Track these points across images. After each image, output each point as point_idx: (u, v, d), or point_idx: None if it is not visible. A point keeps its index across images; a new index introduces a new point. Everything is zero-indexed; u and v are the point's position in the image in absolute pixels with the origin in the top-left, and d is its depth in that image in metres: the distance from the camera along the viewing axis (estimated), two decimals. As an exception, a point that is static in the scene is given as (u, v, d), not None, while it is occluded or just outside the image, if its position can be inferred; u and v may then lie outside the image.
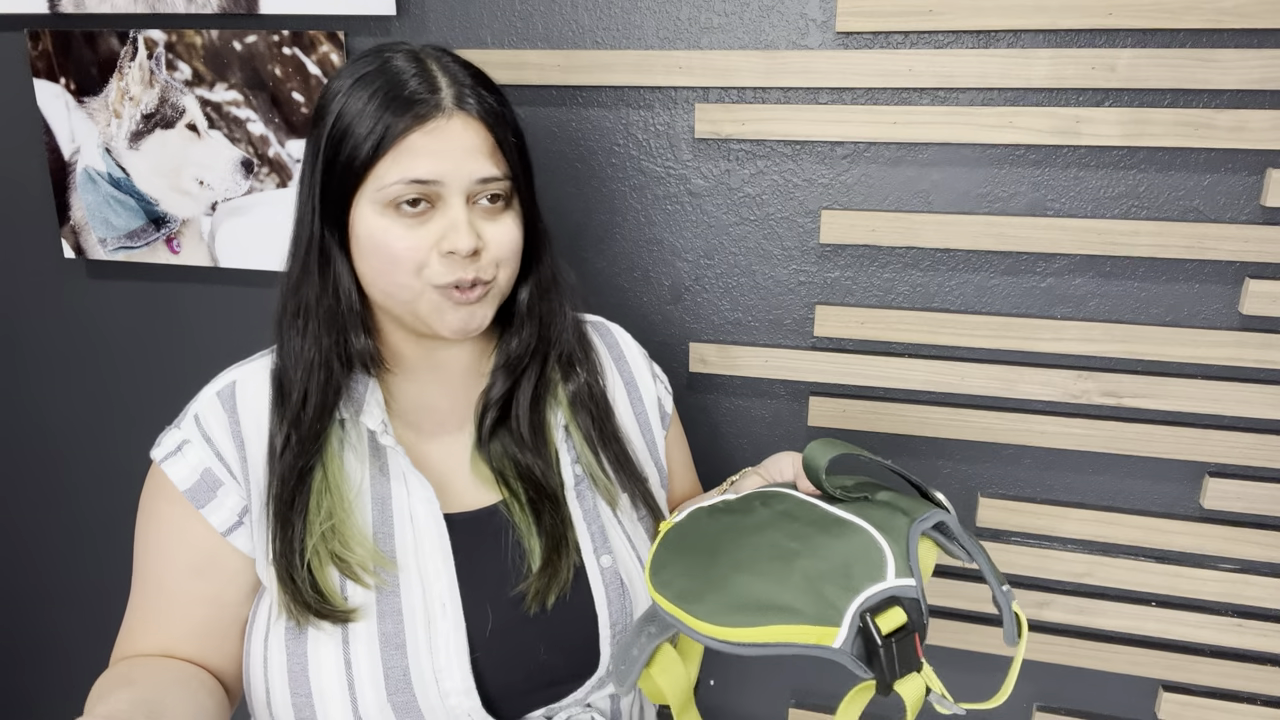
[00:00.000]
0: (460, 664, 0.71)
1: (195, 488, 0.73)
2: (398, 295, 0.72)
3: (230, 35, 1.12)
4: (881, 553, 0.60)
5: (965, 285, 1.02)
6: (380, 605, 0.72)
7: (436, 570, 0.73)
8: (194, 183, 1.19)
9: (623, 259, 1.11)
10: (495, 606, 0.74)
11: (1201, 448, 0.99)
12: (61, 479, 1.40)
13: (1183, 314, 0.98)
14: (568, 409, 0.81)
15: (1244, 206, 0.94)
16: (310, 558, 0.70)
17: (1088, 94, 0.94)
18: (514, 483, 0.78)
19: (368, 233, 0.70)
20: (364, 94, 0.69)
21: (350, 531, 0.72)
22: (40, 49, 1.18)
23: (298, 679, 0.71)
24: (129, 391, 1.33)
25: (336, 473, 0.74)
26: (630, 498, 0.82)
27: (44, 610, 1.48)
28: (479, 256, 0.71)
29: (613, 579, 0.77)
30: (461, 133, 0.70)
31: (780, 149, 1.03)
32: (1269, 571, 1.01)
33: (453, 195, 0.70)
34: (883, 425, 1.06)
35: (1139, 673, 1.07)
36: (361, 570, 0.71)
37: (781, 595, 0.58)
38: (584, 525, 0.78)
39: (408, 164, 0.69)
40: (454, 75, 0.71)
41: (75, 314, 1.31)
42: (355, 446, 0.75)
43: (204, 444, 0.74)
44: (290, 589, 0.70)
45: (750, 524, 0.65)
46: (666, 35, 1.02)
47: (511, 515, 0.77)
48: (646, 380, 0.89)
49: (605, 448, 0.81)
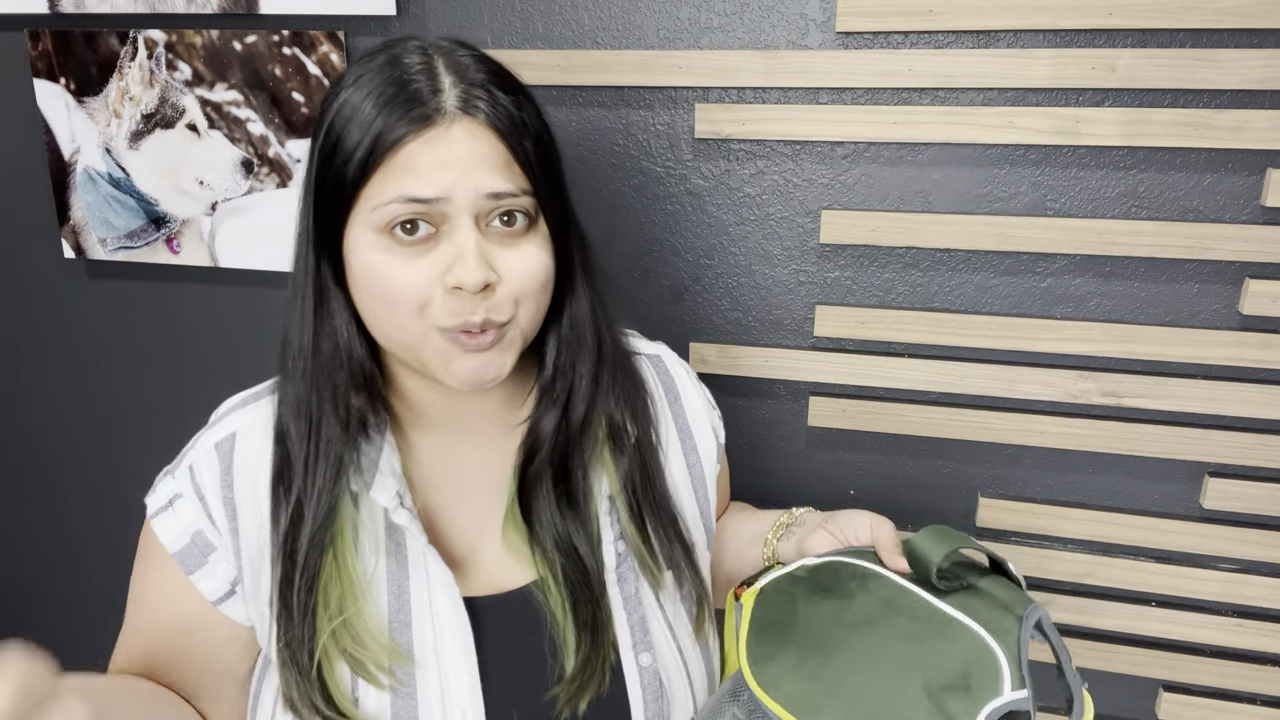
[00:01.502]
0: None
1: (185, 551, 0.66)
2: (400, 339, 0.62)
3: (230, 35, 1.12)
4: (996, 662, 0.57)
5: (965, 285, 1.02)
6: (394, 709, 0.63)
7: (458, 671, 0.64)
8: (194, 183, 1.19)
9: (623, 259, 1.11)
10: (520, 706, 0.65)
11: (1201, 448, 0.99)
12: (61, 479, 1.40)
13: (1183, 314, 0.98)
14: (615, 479, 0.70)
15: (1244, 206, 0.94)
16: (320, 657, 0.62)
17: (1088, 94, 0.94)
18: (550, 561, 0.67)
19: (361, 265, 0.60)
20: (360, 95, 0.59)
21: (363, 625, 0.63)
22: (40, 49, 1.18)
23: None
24: (129, 392, 1.33)
25: (349, 558, 0.64)
26: (675, 576, 0.71)
27: (44, 611, 1.48)
28: (491, 291, 0.60)
29: (651, 680, 0.67)
30: (465, 141, 0.59)
31: (780, 149, 1.03)
32: (1269, 571, 1.01)
33: (460, 216, 0.59)
34: (883, 425, 1.06)
35: (1139, 673, 1.07)
36: (376, 669, 0.62)
37: (902, 709, 0.54)
38: (624, 616, 0.68)
39: (403, 179, 0.58)
40: (463, 73, 0.60)
41: (75, 314, 1.31)
42: (368, 524, 0.65)
43: (197, 502, 0.66)
44: (298, 689, 0.62)
45: (855, 616, 0.60)
46: (666, 35, 1.02)
47: (546, 597, 0.67)
48: (703, 422, 0.78)
49: (654, 521, 0.70)
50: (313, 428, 0.63)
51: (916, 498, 1.10)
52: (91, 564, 1.44)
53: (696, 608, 0.72)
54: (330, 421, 0.63)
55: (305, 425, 0.64)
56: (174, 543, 0.66)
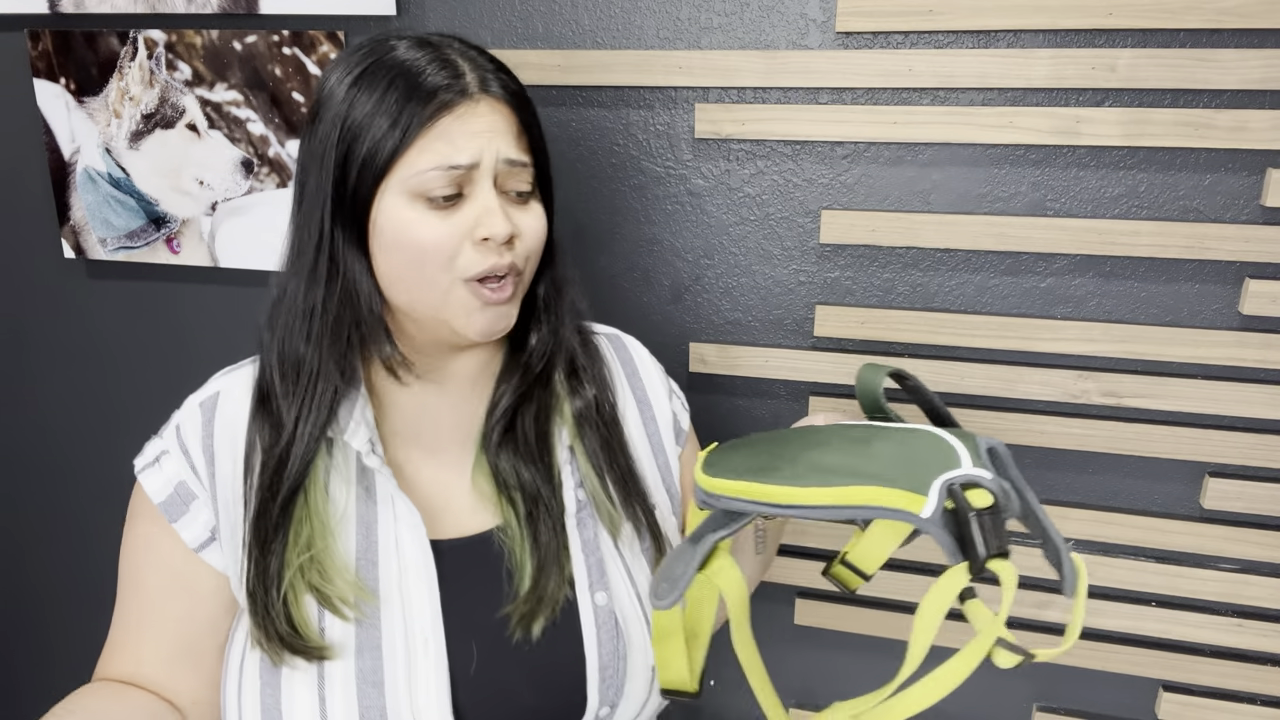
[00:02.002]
0: (440, 706, 0.67)
1: (169, 501, 0.70)
2: (425, 295, 0.67)
3: (230, 35, 1.12)
4: (954, 448, 0.57)
5: (965, 285, 1.02)
6: (359, 639, 0.68)
7: (420, 603, 0.69)
8: (194, 183, 1.19)
9: (623, 259, 1.11)
10: (480, 639, 0.70)
11: (1201, 448, 0.99)
12: (61, 479, 1.40)
13: (1183, 314, 0.98)
14: (573, 427, 0.76)
15: (1244, 206, 0.94)
16: (286, 590, 0.66)
17: (1088, 94, 0.94)
18: (514, 505, 0.73)
19: (393, 226, 0.66)
20: (379, 85, 0.65)
21: (330, 562, 0.68)
22: (40, 49, 1.18)
23: (270, 713, 0.67)
24: (129, 392, 1.33)
25: (319, 498, 0.69)
26: (634, 526, 0.76)
27: (44, 610, 1.48)
28: (512, 246, 0.68)
29: (606, 618, 0.72)
30: (490, 115, 0.67)
31: (780, 149, 1.03)
32: (1269, 571, 1.01)
33: (483, 180, 0.67)
34: (883, 425, 1.06)
35: (1139, 673, 1.07)
36: (341, 603, 0.67)
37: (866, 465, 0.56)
38: (581, 557, 0.73)
39: (441, 150, 0.65)
40: (473, 60, 0.68)
41: (75, 314, 1.31)
42: (340, 468, 0.71)
43: (181, 456, 0.71)
44: (264, 622, 0.66)
45: (808, 436, 0.62)
46: (666, 35, 1.02)
47: (508, 538, 0.73)
48: (661, 399, 0.84)
49: (612, 469, 0.76)
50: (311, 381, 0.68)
51: (916, 498, 1.10)
52: (93, 563, 1.44)
53: (657, 557, 0.78)
54: (332, 375, 0.69)
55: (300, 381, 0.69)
56: (158, 494, 0.71)
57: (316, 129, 0.68)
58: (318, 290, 0.68)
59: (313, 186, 0.68)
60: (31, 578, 1.47)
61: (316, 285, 0.69)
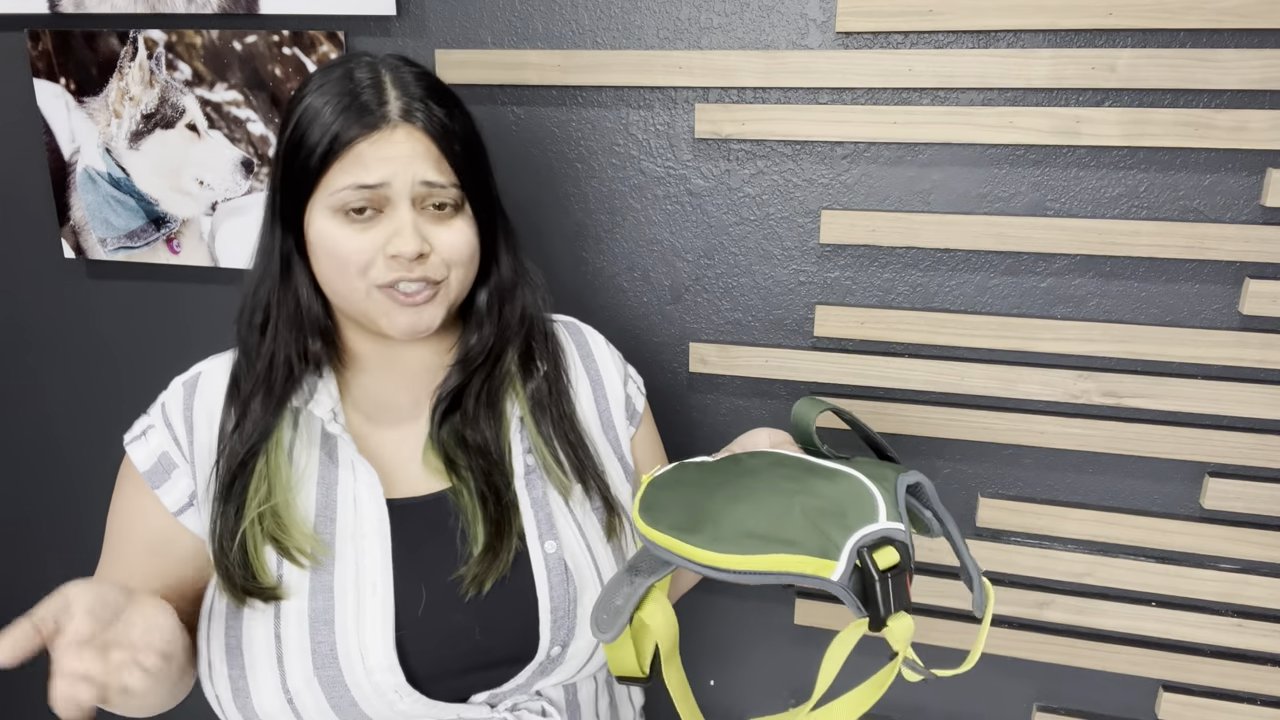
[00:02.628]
0: (384, 640, 0.73)
1: (153, 469, 0.78)
2: (349, 297, 0.75)
3: (230, 35, 1.12)
4: (873, 497, 0.61)
5: (965, 285, 1.02)
6: (313, 583, 0.74)
7: (372, 552, 0.75)
8: (194, 183, 1.19)
9: (623, 259, 1.11)
10: (430, 588, 0.76)
11: (1201, 448, 0.99)
12: (62, 479, 1.40)
13: (1183, 314, 0.98)
14: (524, 401, 0.83)
15: (1244, 206, 0.94)
16: (246, 539, 0.74)
17: (1088, 94, 0.94)
18: (464, 470, 0.79)
19: (319, 237, 0.74)
20: (319, 103, 0.73)
21: (289, 517, 0.75)
22: (40, 49, 1.18)
23: (234, 653, 0.73)
24: (129, 391, 1.33)
25: (280, 459, 0.77)
26: (584, 489, 0.82)
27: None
28: (424, 259, 0.74)
29: (556, 564, 0.78)
30: (405, 141, 0.73)
31: (780, 149, 1.03)
32: (1269, 571, 1.01)
33: (399, 199, 0.73)
34: (883, 425, 1.06)
35: (1139, 673, 1.07)
36: (298, 552, 0.74)
37: (782, 529, 0.59)
38: (530, 512, 0.79)
39: (355, 171, 0.72)
40: (405, 88, 0.74)
41: (75, 314, 1.31)
42: (304, 434, 0.79)
43: (165, 429, 0.79)
44: (223, 567, 0.74)
45: (743, 469, 0.67)
46: (666, 35, 1.02)
47: (459, 501, 0.79)
48: (614, 381, 0.90)
49: (561, 439, 0.83)
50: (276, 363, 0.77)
51: (916, 498, 1.10)
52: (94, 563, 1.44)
53: (608, 516, 0.83)
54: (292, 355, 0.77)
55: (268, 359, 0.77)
56: (144, 463, 0.79)
57: (279, 136, 0.77)
58: (273, 288, 0.78)
59: (270, 193, 0.78)
60: (33, 577, 1.47)
61: (269, 284, 0.78)
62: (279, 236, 0.77)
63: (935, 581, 1.09)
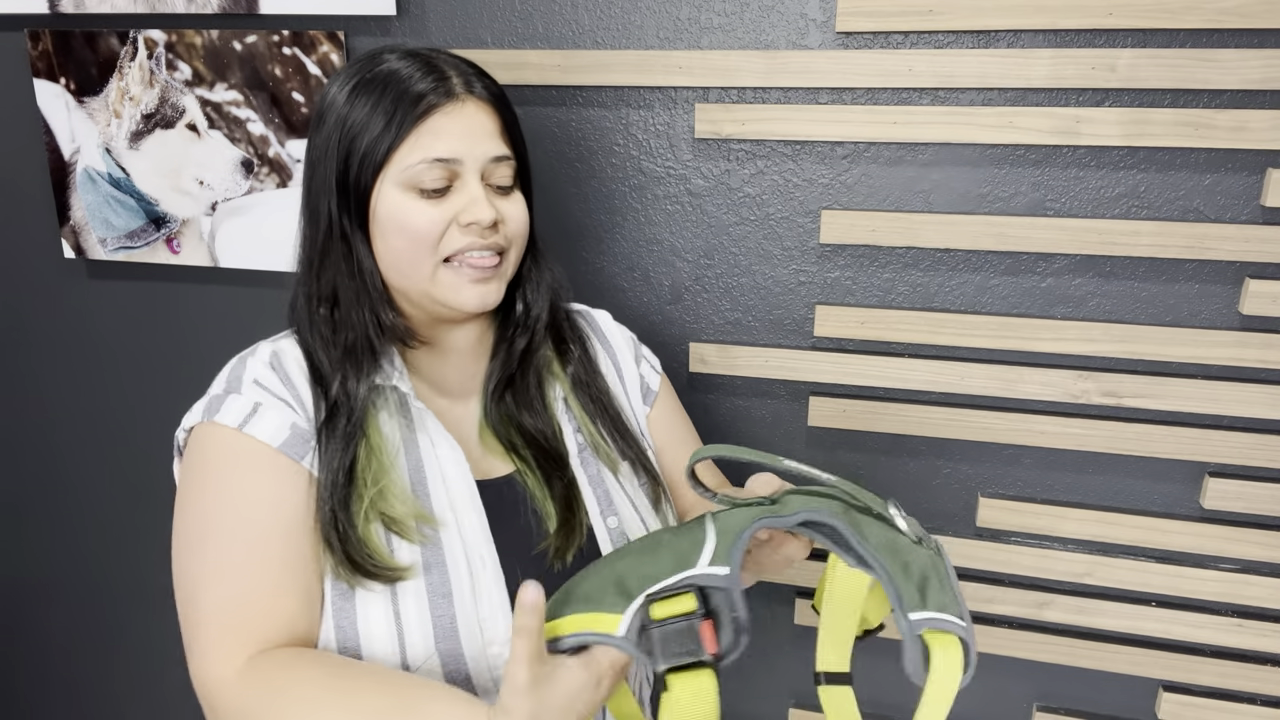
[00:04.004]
0: (504, 613, 0.73)
1: (289, 441, 0.71)
2: (414, 275, 0.75)
3: (230, 35, 1.12)
4: (700, 545, 0.58)
5: (965, 285, 1.02)
6: (425, 558, 0.73)
7: (473, 526, 0.75)
8: (194, 183, 1.19)
9: (623, 259, 1.11)
10: (523, 566, 0.76)
11: (1201, 448, 0.99)
12: (62, 479, 1.40)
13: (1183, 314, 0.98)
14: (566, 383, 0.85)
15: (1244, 206, 0.94)
16: (360, 522, 0.71)
17: (1088, 94, 0.94)
18: (523, 450, 0.81)
19: (389, 212, 0.74)
20: (375, 89, 0.73)
21: (393, 491, 0.73)
22: (40, 49, 1.18)
23: (345, 634, 0.70)
24: (129, 392, 1.33)
25: (377, 437, 0.75)
26: (631, 465, 0.85)
27: (46, 611, 1.48)
28: (496, 230, 0.75)
29: (620, 538, 0.80)
30: (475, 114, 0.75)
31: (780, 149, 1.03)
32: (1269, 571, 1.01)
33: (470, 173, 0.74)
34: (883, 425, 1.06)
35: (1139, 673, 1.07)
36: (410, 529, 0.73)
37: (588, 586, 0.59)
38: (589, 489, 0.81)
39: (429, 144, 0.72)
40: (457, 65, 0.76)
41: (75, 314, 1.31)
42: (388, 408, 0.78)
43: (278, 402, 0.73)
44: (340, 552, 0.69)
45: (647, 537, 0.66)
46: (666, 35, 1.02)
47: (526, 484, 0.80)
48: (629, 362, 0.91)
49: (603, 418, 0.85)
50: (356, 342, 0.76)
51: (916, 498, 1.10)
52: (92, 563, 1.44)
53: (653, 490, 0.86)
54: (370, 331, 0.76)
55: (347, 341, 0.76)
56: (275, 437, 0.71)
57: (321, 129, 0.76)
58: (338, 269, 0.76)
59: (319, 181, 0.76)
60: (32, 577, 1.47)
61: (334, 265, 0.76)
62: (337, 220, 0.76)
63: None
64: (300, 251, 0.80)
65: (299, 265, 0.80)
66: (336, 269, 0.77)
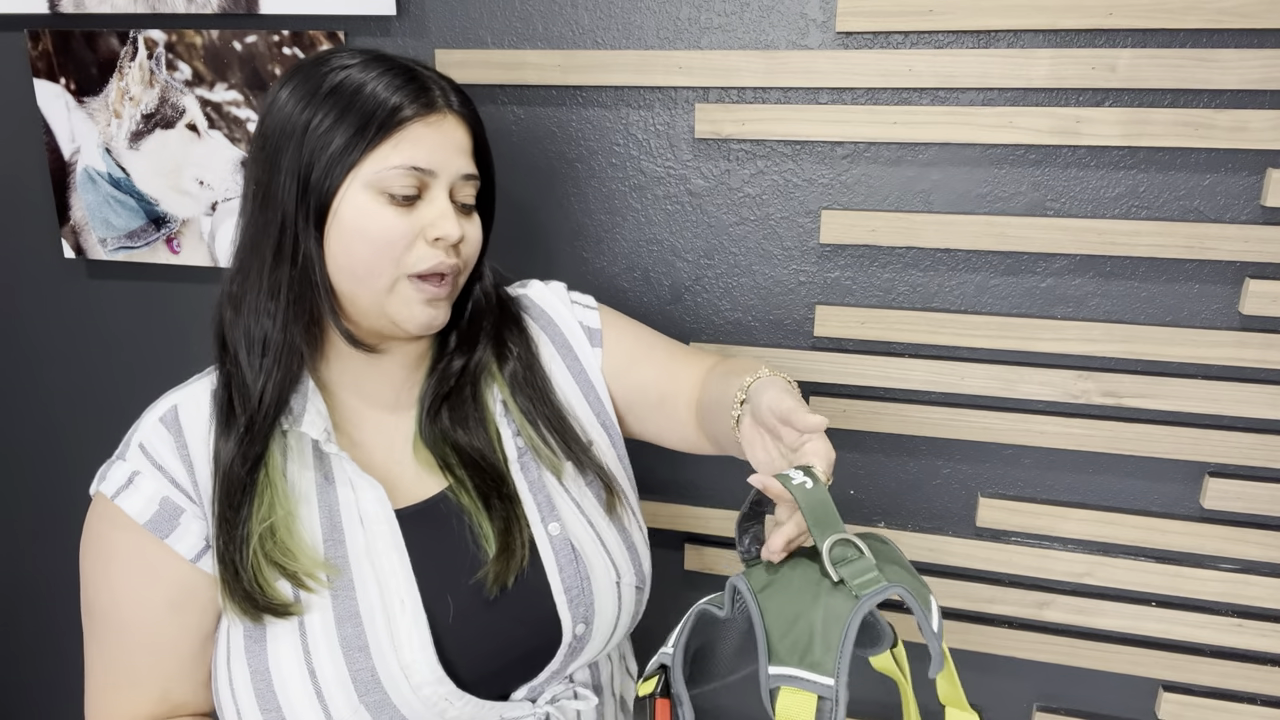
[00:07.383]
0: (426, 656, 0.71)
1: (156, 518, 0.71)
2: (372, 282, 0.72)
3: (230, 35, 1.12)
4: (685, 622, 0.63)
5: (965, 285, 1.02)
6: (336, 609, 0.71)
7: (392, 568, 0.73)
8: (194, 183, 1.19)
9: (623, 259, 1.11)
10: (455, 595, 0.74)
11: (1201, 448, 0.99)
12: (62, 479, 1.40)
13: (1183, 314, 0.98)
14: (505, 387, 0.83)
15: (1244, 206, 0.94)
16: (253, 559, 0.69)
17: (1088, 94, 0.94)
18: (458, 469, 0.78)
19: (354, 215, 0.71)
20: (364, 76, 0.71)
21: (293, 541, 0.71)
22: (40, 49, 1.18)
23: (264, 693, 0.69)
24: (129, 392, 1.33)
25: (277, 478, 0.73)
26: (575, 465, 0.81)
27: (45, 611, 1.48)
28: (457, 250, 0.75)
29: (562, 545, 0.77)
30: (454, 129, 0.74)
31: (780, 149, 1.03)
32: (1269, 571, 1.01)
33: (439, 187, 0.73)
34: (883, 425, 1.06)
35: (1139, 673, 1.07)
36: (308, 577, 0.71)
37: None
38: (530, 496, 0.79)
39: (408, 151, 0.71)
40: (437, 80, 0.75)
41: (75, 314, 1.31)
42: (297, 456, 0.75)
43: (156, 472, 0.72)
44: (234, 585, 0.69)
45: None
46: (666, 35, 1.02)
47: (460, 500, 0.77)
48: (569, 322, 0.88)
49: (545, 421, 0.82)
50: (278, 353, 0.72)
51: (916, 498, 1.10)
52: (91, 564, 1.44)
53: (606, 493, 0.82)
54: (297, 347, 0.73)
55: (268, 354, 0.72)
56: (143, 513, 0.71)
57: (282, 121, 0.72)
58: (282, 270, 0.72)
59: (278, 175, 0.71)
60: (32, 578, 1.47)
61: (281, 266, 0.72)
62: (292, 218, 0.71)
63: (947, 583, 1.09)
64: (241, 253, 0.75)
65: (236, 269, 0.75)
66: (285, 269, 0.72)
